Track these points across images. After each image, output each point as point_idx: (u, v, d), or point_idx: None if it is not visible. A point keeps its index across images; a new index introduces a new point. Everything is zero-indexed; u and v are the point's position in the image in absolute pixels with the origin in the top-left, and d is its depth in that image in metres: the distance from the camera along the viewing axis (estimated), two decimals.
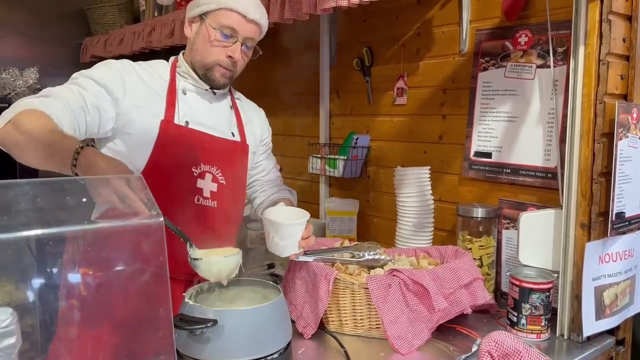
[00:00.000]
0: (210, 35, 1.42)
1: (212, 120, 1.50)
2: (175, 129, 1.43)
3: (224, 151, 1.51)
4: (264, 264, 2.04)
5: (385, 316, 1.31)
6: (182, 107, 1.45)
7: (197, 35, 1.45)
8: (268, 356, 1.08)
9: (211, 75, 1.46)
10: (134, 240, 0.84)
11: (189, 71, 1.48)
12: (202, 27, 1.44)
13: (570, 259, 1.36)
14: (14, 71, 3.05)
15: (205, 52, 1.44)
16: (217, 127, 1.51)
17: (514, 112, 1.68)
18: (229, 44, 1.42)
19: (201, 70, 1.46)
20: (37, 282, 1.09)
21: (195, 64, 1.46)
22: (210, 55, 1.43)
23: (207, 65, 1.45)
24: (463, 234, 1.67)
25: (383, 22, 2.13)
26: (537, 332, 1.35)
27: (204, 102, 1.51)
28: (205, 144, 1.46)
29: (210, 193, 1.46)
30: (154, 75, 1.46)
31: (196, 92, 1.50)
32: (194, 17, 1.46)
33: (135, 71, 1.44)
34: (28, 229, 1.06)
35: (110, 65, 1.42)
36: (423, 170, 1.79)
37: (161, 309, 0.88)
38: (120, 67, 1.42)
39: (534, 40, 1.63)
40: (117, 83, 1.37)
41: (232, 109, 1.60)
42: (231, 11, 1.40)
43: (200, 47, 1.44)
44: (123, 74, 1.40)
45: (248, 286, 1.27)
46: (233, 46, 1.43)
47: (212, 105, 1.53)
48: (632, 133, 1.35)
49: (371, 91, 2.20)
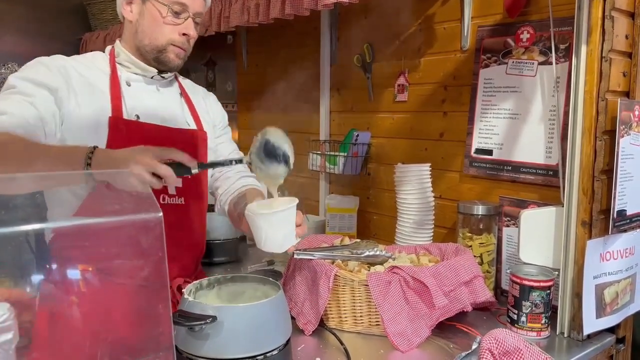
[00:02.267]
0: (161, 13, 1.33)
1: (163, 111, 1.43)
2: (126, 124, 1.34)
3: (183, 143, 1.40)
4: (263, 261, 2.04)
5: (385, 313, 1.31)
6: (129, 100, 1.36)
7: (141, 17, 1.36)
8: (267, 353, 1.08)
9: (165, 58, 1.38)
10: (133, 235, 0.84)
11: (132, 59, 1.39)
12: (146, 6, 1.35)
13: (571, 256, 1.35)
14: (13, 66, 3.05)
15: (155, 33, 1.35)
16: (171, 118, 1.43)
17: (516, 109, 1.67)
18: (181, 21, 1.35)
19: (152, 54, 1.37)
20: (36, 277, 1.09)
21: (144, 48, 1.37)
22: (162, 36, 1.35)
23: (160, 47, 1.36)
24: (463, 231, 1.67)
25: (384, 18, 2.12)
26: (538, 330, 1.35)
27: (151, 93, 1.43)
28: (161, 137, 1.36)
29: (176, 190, 1.40)
30: (93, 69, 1.37)
31: (143, 82, 1.41)
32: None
33: (73, 67, 1.34)
34: (26, 223, 1.05)
35: (46, 64, 1.31)
36: (424, 167, 1.78)
37: (160, 305, 0.87)
38: (57, 64, 1.32)
39: (536, 37, 1.62)
40: (58, 82, 1.28)
41: (182, 96, 1.52)
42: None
43: (149, 29, 1.35)
44: (62, 72, 1.31)
45: (248, 283, 1.27)
46: (185, 23, 1.36)
47: (161, 95, 1.45)
48: (634, 130, 1.34)
49: (372, 88, 2.19)
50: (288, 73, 2.63)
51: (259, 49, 2.81)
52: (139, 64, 1.39)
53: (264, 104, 2.82)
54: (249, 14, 2.08)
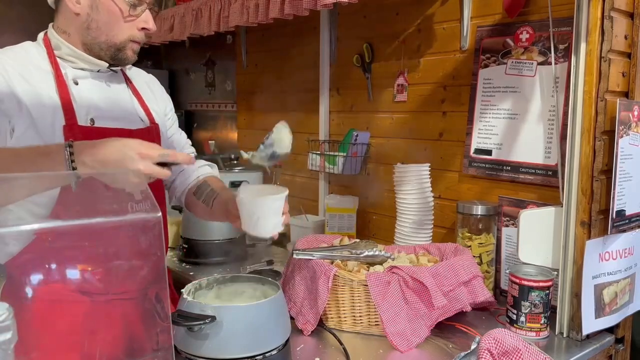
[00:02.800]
0: (121, 9, 1.19)
1: (116, 110, 1.31)
2: (83, 132, 1.20)
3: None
4: (262, 261, 2.04)
5: (384, 313, 1.31)
6: (80, 102, 1.22)
7: (94, 11, 1.19)
8: (266, 353, 1.08)
9: (123, 55, 1.25)
10: (132, 235, 0.84)
11: (78, 53, 1.23)
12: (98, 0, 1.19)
13: (570, 256, 1.35)
14: None
15: (114, 30, 1.21)
16: (124, 116, 1.32)
17: (515, 109, 1.68)
18: (139, 13, 1.22)
19: (109, 52, 1.23)
20: (35, 277, 1.08)
21: (98, 45, 1.22)
22: (121, 33, 1.22)
23: (119, 45, 1.23)
24: (463, 231, 1.67)
25: (383, 18, 2.12)
26: (537, 330, 1.35)
27: (101, 90, 1.29)
28: None
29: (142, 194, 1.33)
30: (31, 68, 1.20)
31: (90, 77, 1.27)
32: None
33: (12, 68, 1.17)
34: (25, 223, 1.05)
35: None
36: (423, 167, 1.78)
37: (159, 305, 0.87)
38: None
39: (535, 37, 1.62)
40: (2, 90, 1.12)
41: (129, 86, 1.39)
42: None
43: (106, 25, 1.20)
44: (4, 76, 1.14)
45: (247, 283, 1.27)
46: (144, 15, 1.23)
47: (111, 91, 1.32)
48: (633, 131, 1.35)
49: (371, 88, 2.19)
50: (287, 73, 2.63)
51: (259, 48, 2.81)
52: (87, 58, 1.24)
53: (263, 103, 2.82)
54: (248, 14, 2.08)
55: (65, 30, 1.24)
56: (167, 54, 3.47)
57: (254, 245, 2.31)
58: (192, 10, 2.43)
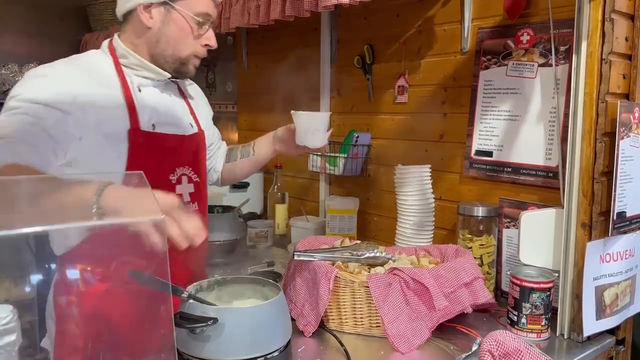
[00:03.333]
0: (190, 26, 1.28)
1: (173, 116, 1.39)
2: (144, 136, 1.28)
3: (193, 148, 1.41)
4: (263, 262, 2.04)
5: (386, 315, 1.31)
6: (143, 108, 1.29)
7: (165, 26, 1.27)
8: (268, 354, 1.08)
9: (185, 68, 1.34)
10: (135, 238, 0.84)
11: (144, 63, 1.30)
12: (171, 15, 1.27)
13: (571, 258, 1.36)
14: (13, 67, 3.05)
15: (180, 45, 1.29)
16: (179, 122, 1.40)
17: (516, 110, 1.68)
18: (204, 31, 1.30)
19: (173, 65, 1.32)
20: (36, 278, 1.09)
21: (164, 57, 1.31)
22: (187, 48, 1.30)
23: (183, 59, 1.32)
24: (463, 232, 1.67)
25: (384, 19, 2.13)
26: (538, 332, 1.35)
27: (162, 97, 1.37)
28: (176, 146, 1.35)
29: (190, 195, 1.39)
30: (98, 75, 1.26)
31: (151, 86, 1.35)
32: (151, 3, 1.26)
33: (80, 76, 1.23)
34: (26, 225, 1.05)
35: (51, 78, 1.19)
36: (424, 168, 1.78)
37: (161, 307, 0.87)
38: (62, 77, 1.20)
39: (536, 39, 1.63)
40: (68, 99, 1.17)
41: (181, 95, 1.49)
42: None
43: (174, 40, 1.28)
44: (69, 86, 1.19)
45: (248, 284, 1.27)
46: (208, 33, 1.31)
47: (168, 99, 1.40)
48: (633, 132, 1.35)
49: (372, 89, 2.20)
50: (288, 74, 2.63)
51: (259, 49, 2.81)
52: (152, 68, 1.32)
53: (264, 104, 2.82)
54: (249, 15, 2.09)
55: (133, 41, 1.31)
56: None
57: (254, 247, 2.31)
58: None
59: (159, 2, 1.25)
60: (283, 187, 2.49)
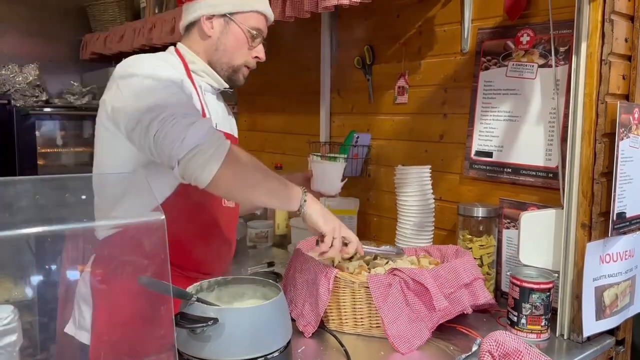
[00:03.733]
0: (246, 37, 1.40)
1: (224, 120, 1.51)
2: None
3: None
4: (264, 262, 2.04)
5: (386, 315, 1.31)
6: (209, 112, 1.41)
7: (223, 36, 1.40)
8: (268, 355, 1.08)
9: (236, 77, 1.45)
10: (136, 238, 0.84)
11: (209, 70, 1.42)
12: (230, 26, 1.40)
13: (570, 259, 1.36)
14: (13, 67, 3.05)
15: (235, 54, 1.41)
16: (227, 126, 1.52)
17: (515, 111, 1.68)
18: (256, 44, 1.43)
19: (227, 72, 1.43)
20: (36, 279, 1.09)
21: (220, 65, 1.42)
22: (240, 57, 1.42)
23: (235, 67, 1.43)
24: (463, 233, 1.67)
25: (384, 20, 2.13)
26: (537, 332, 1.35)
27: (218, 105, 1.50)
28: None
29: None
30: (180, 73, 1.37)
31: (210, 92, 1.46)
32: (213, 15, 1.39)
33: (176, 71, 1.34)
34: (28, 226, 1.05)
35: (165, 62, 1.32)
36: (424, 169, 1.79)
37: (162, 307, 0.87)
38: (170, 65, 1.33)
39: (535, 40, 1.63)
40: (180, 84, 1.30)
41: (224, 103, 1.59)
42: (259, 14, 1.42)
43: (230, 48, 1.41)
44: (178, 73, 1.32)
45: (248, 284, 1.27)
46: (259, 47, 1.44)
47: (221, 108, 1.52)
48: (633, 133, 1.35)
49: (372, 89, 2.20)
50: (288, 75, 2.63)
51: None
52: (215, 76, 1.43)
53: (264, 105, 2.82)
54: None
55: (196, 50, 1.42)
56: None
57: (255, 247, 2.31)
58: None
59: (220, 14, 1.38)
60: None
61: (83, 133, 3.29)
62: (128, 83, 1.23)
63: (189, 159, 1.11)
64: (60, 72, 3.38)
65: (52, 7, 3.37)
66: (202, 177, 1.12)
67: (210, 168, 1.12)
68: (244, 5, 1.39)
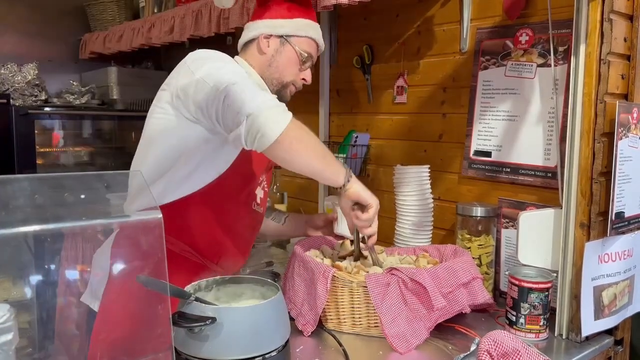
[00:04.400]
0: (298, 58, 1.50)
1: None
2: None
3: (266, 161, 1.56)
4: (262, 262, 2.04)
5: (384, 315, 1.31)
6: None
7: (278, 54, 1.50)
8: (266, 354, 1.08)
9: (284, 93, 1.53)
10: (133, 236, 0.84)
11: (261, 82, 1.50)
12: (285, 47, 1.50)
13: (569, 258, 1.36)
14: (12, 67, 3.05)
15: (286, 71, 1.51)
16: None
17: (514, 111, 1.68)
18: (305, 67, 1.54)
19: (276, 87, 1.52)
20: (35, 278, 1.09)
21: (271, 80, 1.51)
22: (290, 76, 1.52)
23: (284, 84, 1.52)
24: (462, 233, 1.67)
25: (384, 20, 2.13)
26: (536, 332, 1.35)
27: None
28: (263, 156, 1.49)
29: (260, 200, 1.54)
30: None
31: None
32: (271, 35, 1.49)
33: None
34: (26, 225, 1.05)
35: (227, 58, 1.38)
36: (423, 168, 1.78)
37: (160, 307, 0.87)
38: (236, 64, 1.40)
39: (534, 39, 1.63)
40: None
41: None
42: (312, 40, 1.52)
43: (282, 66, 1.50)
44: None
45: (247, 284, 1.27)
46: (307, 70, 1.55)
47: None
48: (632, 133, 1.35)
49: (371, 89, 2.20)
50: None
51: None
52: (266, 89, 1.50)
53: None
54: (248, 15, 2.08)
55: (251, 63, 1.52)
56: (167, 55, 3.47)
57: (253, 246, 2.30)
58: (192, 11, 2.43)
59: (277, 34, 1.49)
60: (282, 187, 2.49)
61: (82, 132, 3.29)
62: (198, 64, 1.31)
63: (259, 113, 1.18)
64: (60, 72, 3.38)
65: (51, 7, 3.36)
66: (272, 132, 1.18)
67: (281, 123, 1.20)
68: (300, 30, 1.50)
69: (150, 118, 1.38)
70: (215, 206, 1.40)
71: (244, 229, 1.50)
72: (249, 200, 1.48)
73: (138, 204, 1.24)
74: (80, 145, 3.29)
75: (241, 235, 1.50)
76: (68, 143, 3.27)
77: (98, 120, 3.26)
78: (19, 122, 2.85)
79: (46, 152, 3.15)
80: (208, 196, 1.37)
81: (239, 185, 1.43)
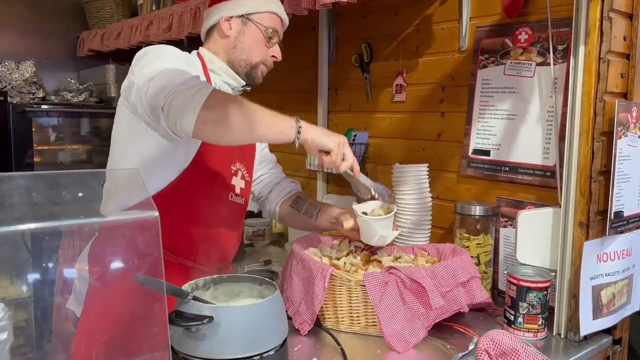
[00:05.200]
0: (263, 35, 1.48)
1: None
2: None
3: (247, 148, 1.56)
4: (260, 260, 2.03)
5: (382, 314, 1.30)
6: None
7: (241, 35, 1.47)
8: (264, 353, 1.07)
9: (254, 74, 1.51)
10: (130, 235, 0.84)
11: (227, 69, 1.48)
12: (247, 27, 1.47)
13: (568, 257, 1.36)
14: (10, 64, 3.04)
15: (253, 51, 1.48)
16: None
17: (513, 109, 1.68)
18: (272, 45, 1.52)
19: (245, 69, 1.49)
20: (32, 276, 1.08)
21: (238, 62, 1.48)
22: (258, 55, 1.49)
23: (253, 64, 1.49)
24: (461, 231, 1.67)
25: (382, 18, 2.12)
26: (534, 331, 1.35)
27: None
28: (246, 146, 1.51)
29: (240, 190, 1.51)
30: (197, 70, 1.43)
31: (230, 91, 1.51)
32: (231, 17, 1.46)
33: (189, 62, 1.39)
34: (23, 223, 1.05)
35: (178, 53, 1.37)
36: (421, 167, 1.78)
37: (156, 305, 0.87)
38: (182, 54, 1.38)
39: (534, 38, 1.62)
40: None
41: None
42: (275, 15, 1.51)
43: (248, 47, 1.48)
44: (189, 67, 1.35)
45: (244, 282, 1.26)
46: (275, 47, 1.53)
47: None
48: (631, 132, 1.35)
49: (370, 88, 2.19)
50: (286, 72, 2.62)
51: None
52: (232, 74, 1.49)
53: (261, 103, 2.79)
54: None
55: (215, 51, 1.50)
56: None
57: (251, 245, 2.30)
58: (191, 9, 2.43)
59: (238, 15, 1.46)
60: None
61: (80, 130, 3.28)
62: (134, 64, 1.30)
63: (170, 105, 1.13)
64: (57, 69, 3.37)
65: (49, 4, 3.35)
66: (185, 122, 1.12)
67: (192, 110, 1.11)
68: (260, 6, 1.47)
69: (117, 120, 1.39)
70: (183, 203, 1.37)
71: (222, 222, 1.46)
72: (223, 193, 1.45)
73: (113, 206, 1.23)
74: (77, 143, 3.29)
75: (219, 229, 1.46)
76: (66, 141, 3.26)
77: (96, 118, 3.25)
78: (16, 119, 2.84)
79: (44, 150, 3.15)
80: (174, 194, 1.34)
81: (207, 179, 1.40)
